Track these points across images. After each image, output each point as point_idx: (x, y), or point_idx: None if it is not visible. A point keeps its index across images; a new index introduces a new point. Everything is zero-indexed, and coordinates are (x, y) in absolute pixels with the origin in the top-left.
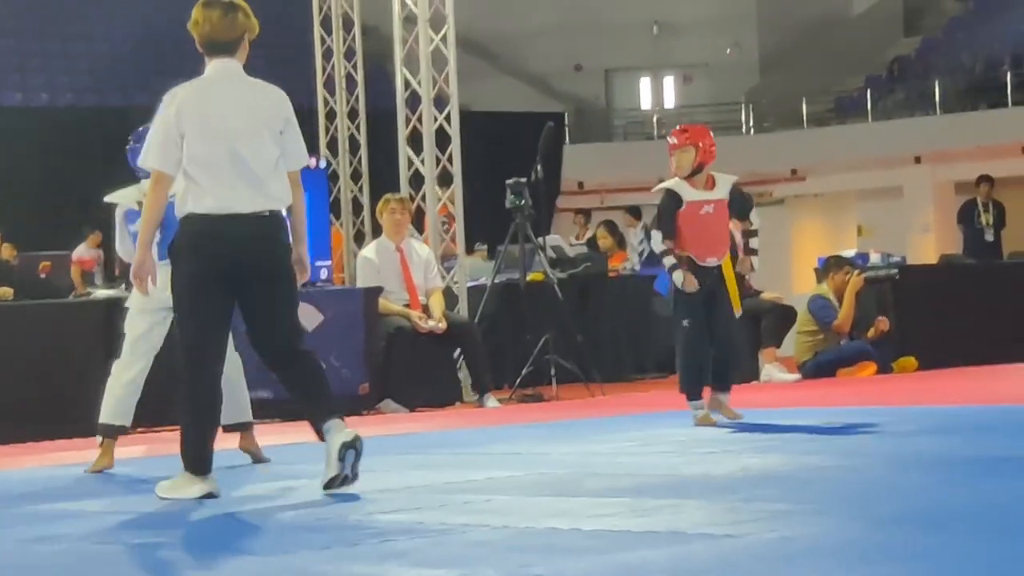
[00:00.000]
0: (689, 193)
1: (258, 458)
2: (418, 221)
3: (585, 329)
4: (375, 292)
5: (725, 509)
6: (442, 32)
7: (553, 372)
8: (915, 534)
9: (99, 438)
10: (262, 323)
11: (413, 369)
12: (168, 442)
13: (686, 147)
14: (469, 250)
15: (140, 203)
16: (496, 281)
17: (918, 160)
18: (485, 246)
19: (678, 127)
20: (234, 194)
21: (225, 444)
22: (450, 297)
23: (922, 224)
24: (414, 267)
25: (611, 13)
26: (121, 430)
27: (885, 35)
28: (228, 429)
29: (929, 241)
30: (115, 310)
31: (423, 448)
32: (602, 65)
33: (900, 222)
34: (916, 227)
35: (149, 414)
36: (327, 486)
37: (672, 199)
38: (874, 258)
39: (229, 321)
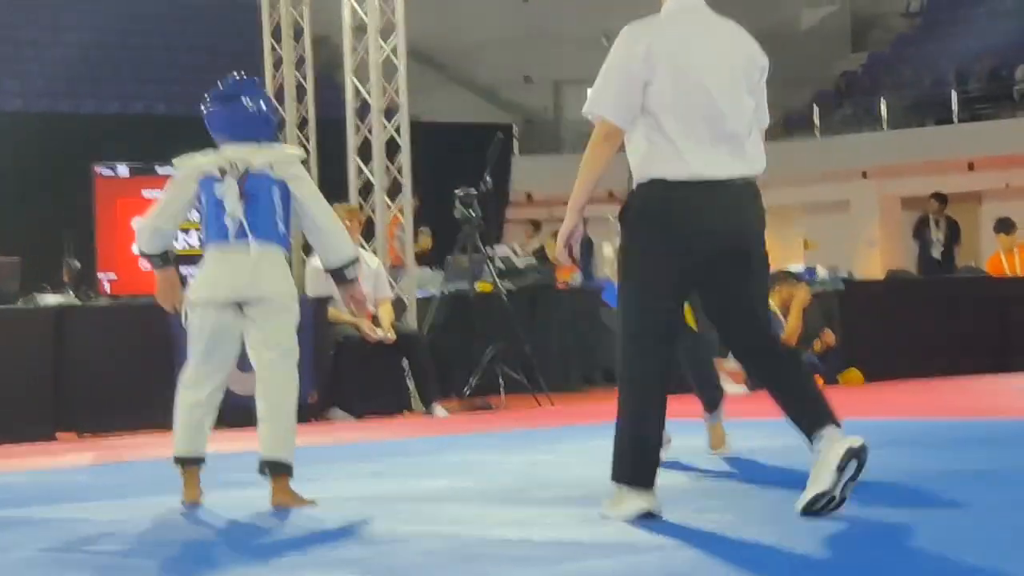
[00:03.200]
0: None
1: None
2: (368, 231)
3: (533, 339)
4: (324, 301)
5: (674, 520)
6: (392, 42)
7: (501, 382)
8: (861, 547)
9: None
10: (737, 312)
11: (361, 378)
12: (117, 448)
13: None
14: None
15: (222, 169)
16: (445, 291)
17: (865, 175)
18: (428, 228)
19: None
20: (713, 156)
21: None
22: (399, 307)
23: (868, 239)
24: (363, 277)
25: (560, 25)
26: (193, 462)
27: (833, 51)
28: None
29: (875, 256)
30: (64, 316)
31: (371, 457)
32: (551, 77)
33: (846, 236)
34: (862, 242)
35: (96, 419)
36: (809, 506)
37: None
38: (821, 273)
39: (683, 309)
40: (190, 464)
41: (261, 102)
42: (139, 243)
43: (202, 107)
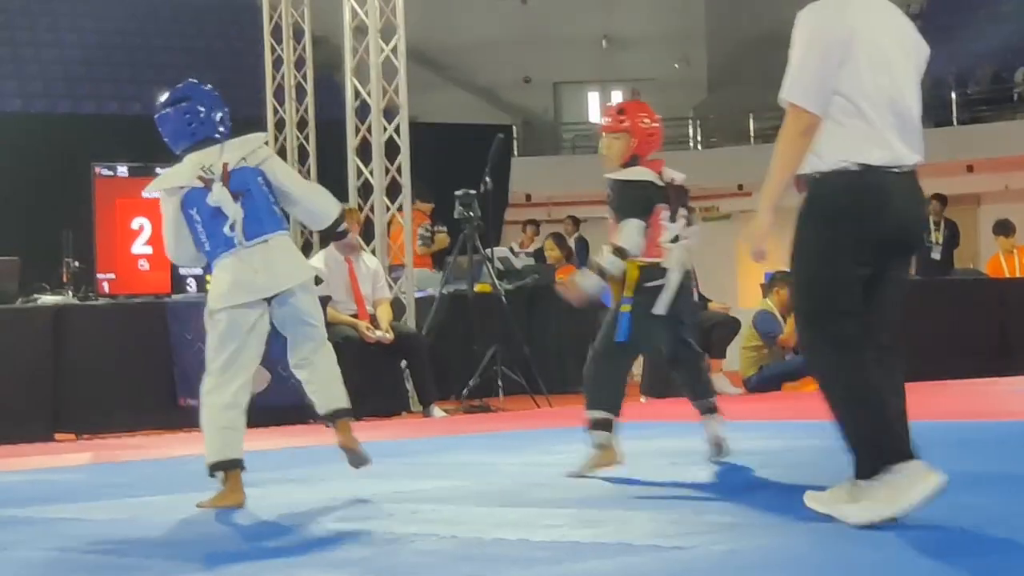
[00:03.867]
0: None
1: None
2: (367, 232)
3: (532, 340)
4: (323, 302)
5: (673, 521)
6: (392, 42)
7: (500, 383)
8: (862, 548)
9: (217, 478)
10: (887, 303)
11: (360, 379)
12: (115, 449)
13: (618, 133)
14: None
15: (201, 179)
16: (444, 292)
17: None
18: (445, 228)
19: (612, 104)
20: (899, 143)
21: (174, 451)
22: (398, 307)
23: None
24: (362, 278)
25: (560, 27)
26: (234, 464)
27: None
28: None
29: None
30: (63, 316)
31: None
32: (551, 78)
33: None
34: None
35: (95, 420)
36: (870, 524)
37: (651, 193)
38: None
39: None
40: (232, 467)
41: (214, 103)
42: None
43: (156, 117)
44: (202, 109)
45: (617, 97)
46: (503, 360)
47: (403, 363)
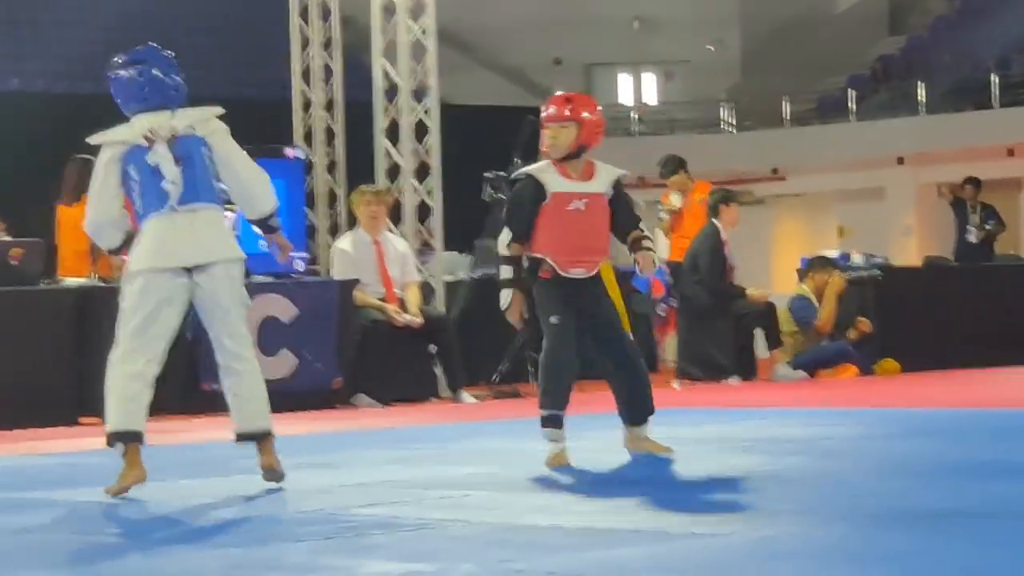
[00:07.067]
0: (557, 182)
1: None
2: (396, 214)
3: None
4: (350, 285)
5: (707, 508)
6: (422, 22)
7: (530, 369)
8: (897, 536)
9: (116, 449)
10: None
11: (388, 363)
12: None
13: (566, 122)
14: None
15: (147, 138)
16: (473, 276)
17: (901, 161)
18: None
19: (559, 94)
20: None
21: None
22: (427, 291)
23: (903, 227)
24: (390, 261)
25: (592, 7)
26: (134, 436)
27: (869, 34)
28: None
29: (911, 243)
30: (87, 298)
31: (398, 443)
32: (582, 60)
33: (882, 224)
34: (896, 230)
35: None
36: None
37: (532, 189)
38: (856, 259)
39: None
40: (131, 440)
41: (170, 69)
42: (102, 244)
43: (108, 74)
44: (157, 74)
45: (649, 79)
46: (533, 345)
47: (432, 348)
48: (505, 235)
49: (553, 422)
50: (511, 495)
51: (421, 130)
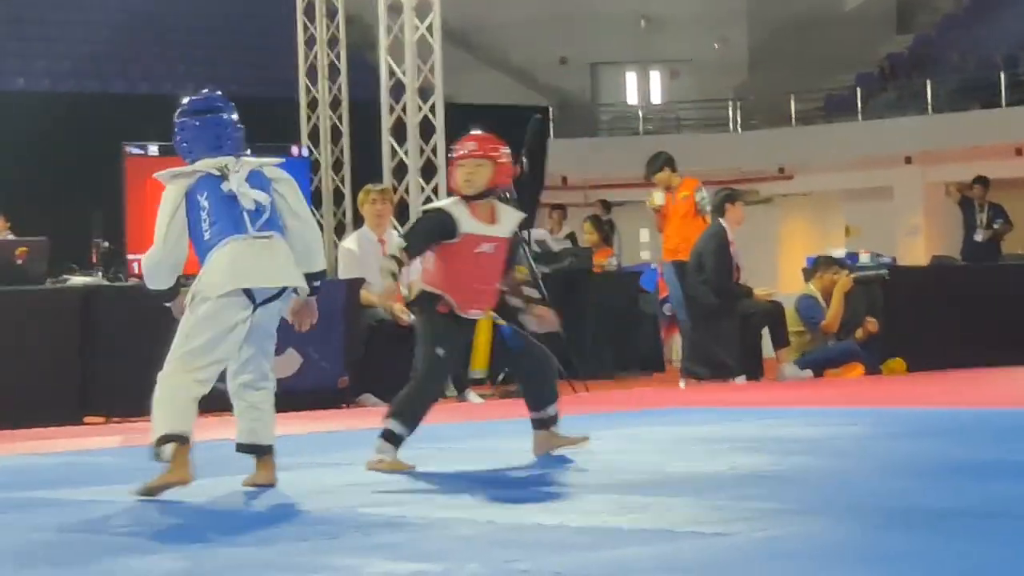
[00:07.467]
0: (469, 223)
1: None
2: (401, 213)
3: (568, 325)
4: (357, 284)
5: (713, 508)
6: (427, 21)
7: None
8: (900, 536)
9: (163, 453)
10: None
11: (394, 363)
12: (144, 432)
13: (482, 160)
14: None
15: (220, 170)
16: None
17: (908, 160)
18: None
19: (473, 132)
20: None
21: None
22: None
23: (911, 226)
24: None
25: (598, 6)
26: (183, 439)
27: (877, 32)
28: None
29: (918, 243)
30: (92, 298)
31: (404, 442)
32: (588, 59)
33: (889, 223)
34: (904, 229)
35: (124, 403)
36: None
37: (444, 223)
38: (863, 258)
39: None
40: (181, 441)
41: (236, 118)
42: (152, 284)
43: (177, 120)
44: (230, 124)
45: (655, 78)
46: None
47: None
48: (401, 242)
49: (395, 441)
50: (517, 494)
51: (427, 128)
